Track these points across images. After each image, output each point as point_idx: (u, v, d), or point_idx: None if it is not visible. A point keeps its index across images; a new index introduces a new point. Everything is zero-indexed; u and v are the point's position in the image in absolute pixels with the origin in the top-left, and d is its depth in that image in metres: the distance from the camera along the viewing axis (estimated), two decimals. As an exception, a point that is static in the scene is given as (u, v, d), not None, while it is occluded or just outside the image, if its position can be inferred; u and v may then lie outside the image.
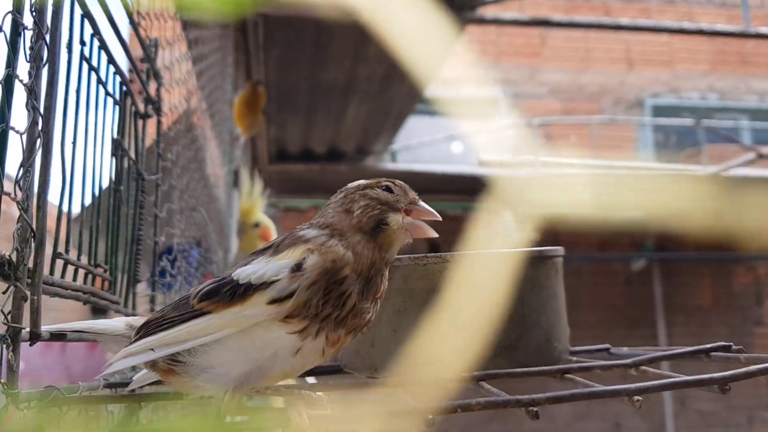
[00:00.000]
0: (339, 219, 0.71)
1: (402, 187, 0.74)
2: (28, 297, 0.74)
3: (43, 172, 0.79)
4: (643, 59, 7.65)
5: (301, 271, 0.65)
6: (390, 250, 0.71)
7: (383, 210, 0.71)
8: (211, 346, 0.66)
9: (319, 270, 0.65)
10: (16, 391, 0.71)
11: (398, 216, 0.71)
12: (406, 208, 0.72)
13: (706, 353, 0.74)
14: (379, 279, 0.69)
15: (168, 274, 1.58)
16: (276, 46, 3.92)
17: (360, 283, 0.67)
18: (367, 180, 0.74)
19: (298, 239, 0.70)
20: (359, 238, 0.69)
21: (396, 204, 0.71)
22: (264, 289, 0.65)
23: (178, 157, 1.73)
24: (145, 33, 1.38)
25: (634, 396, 0.57)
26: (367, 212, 0.70)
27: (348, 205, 0.72)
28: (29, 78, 0.77)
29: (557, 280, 0.88)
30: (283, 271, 0.65)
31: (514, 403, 0.58)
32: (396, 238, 0.71)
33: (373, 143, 5.58)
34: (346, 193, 0.74)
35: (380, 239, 0.69)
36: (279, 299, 0.64)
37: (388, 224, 0.70)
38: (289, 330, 0.63)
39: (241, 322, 0.64)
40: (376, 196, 0.72)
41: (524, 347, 0.81)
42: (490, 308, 0.81)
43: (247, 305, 0.65)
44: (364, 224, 0.70)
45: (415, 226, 0.71)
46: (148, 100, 1.39)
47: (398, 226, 0.70)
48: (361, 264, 0.68)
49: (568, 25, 4.61)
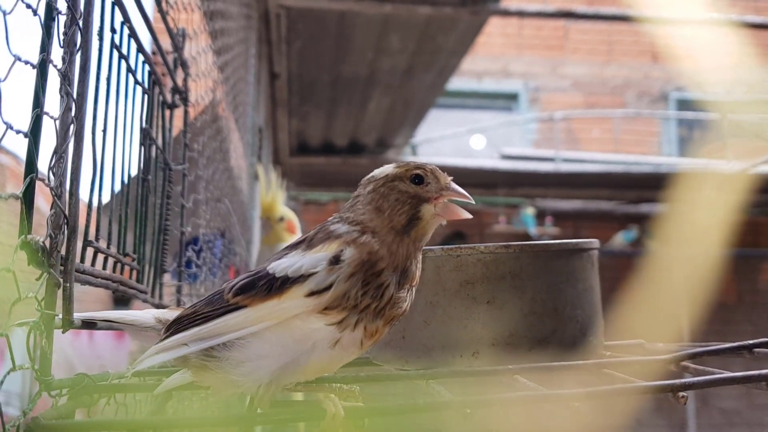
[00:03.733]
0: (370, 217, 0.69)
1: (433, 172, 0.72)
2: (61, 284, 0.74)
3: (75, 159, 0.79)
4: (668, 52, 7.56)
5: (339, 263, 0.64)
6: (424, 239, 0.70)
7: (414, 204, 0.69)
8: (247, 339, 0.65)
9: (357, 262, 0.65)
10: (50, 378, 0.71)
11: (430, 206, 0.70)
12: (437, 195, 0.70)
13: (749, 349, 0.72)
14: (414, 266, 0.68)
15: (194, 264, 1.58)
16: (298, 38, 3.92)
17: (397, 275, 0.66)
18: (396, 167, 0.72)
19: (330, 233, 0.69)
20: (393, 236, 0.68)
21: (427, 194, 0.70)
22: (302, 282, 0.64)
23: (204, 147, 1.73)
24: (173, 22, 1.38)
25: (678, 392, 0.56)
26: (397, 210, 0.69)
27: (378, 203, 0.70)
28: (63, 63, 0.77)
29: (593, 273, 0.87)
30: (321, 264, 0.65)
31: (554, 398, 0.57)
32: (430, 227, 0.70)
33: (394, 136, 5.57)
34: (375, 186, 0.72)
35: (413, 233, 0.69)
36: (317, 291, 0.64)
37: (420, 218, 0.69)
38: (327, 322, 0.63)
39: (279, 315, 0.64)
40: (406, 190, 0.70)
41: (559, 341, 0.80)
42: (524, 301, 0.80)
43: (284, 298, 0.64)
44: (397, 223, 0.68)
45: (447, 209, 0.70)
46: (176, 90, 1.39)
47: (431, 215, 0.69)
48: (397, 260, 0.67)
49: (593, 17, 4.56)
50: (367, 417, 0.61)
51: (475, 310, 0.81)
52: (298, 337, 0.63)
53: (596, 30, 7.62)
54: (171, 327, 0.74)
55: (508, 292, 0.81)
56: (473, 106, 7.77)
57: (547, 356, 0.77)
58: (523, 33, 7.67)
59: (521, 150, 6.84)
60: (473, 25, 3.83)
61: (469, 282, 0.82)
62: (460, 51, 4.14)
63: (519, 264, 0.82)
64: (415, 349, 0.83)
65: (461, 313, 0.81)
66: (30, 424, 0.61)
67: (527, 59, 7.70)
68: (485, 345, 0.79)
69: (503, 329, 0.79)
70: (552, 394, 0.58)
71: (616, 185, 5.99)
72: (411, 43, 4.00)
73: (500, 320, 0.79)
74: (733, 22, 4.23)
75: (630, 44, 7.73)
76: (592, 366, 0.74)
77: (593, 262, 0.87)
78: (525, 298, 0.81)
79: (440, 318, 0.81)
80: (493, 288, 0.82)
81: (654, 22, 4.21)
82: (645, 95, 7.73)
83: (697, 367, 0.68)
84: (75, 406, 0.76)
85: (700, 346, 0.75)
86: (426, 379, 0.73)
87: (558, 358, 0.76)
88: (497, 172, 5.88)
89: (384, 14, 3.59)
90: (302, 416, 0.60)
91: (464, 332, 0.80)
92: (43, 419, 0.61)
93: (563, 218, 6.32)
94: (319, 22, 3.73)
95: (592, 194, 6.35)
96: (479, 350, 0.79)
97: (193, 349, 0.69)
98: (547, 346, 0.79)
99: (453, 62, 4.30)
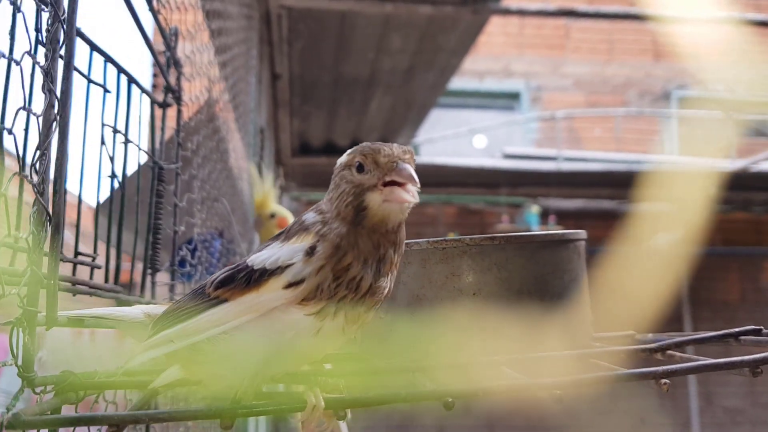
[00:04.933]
0: (327, 208, 0.68)
1: (373, 157, 0.66)
2: (44, 281, 0.74)
3: (60, 157, 0.78)
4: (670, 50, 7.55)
5: (314, 254, 0.64)
6: (387, 225, 0.66)
7: (357, 194, 0.66)
8: (230, 333, 0.65)
9: (325, 254, 0.64)
10: (33, 374, 0.71)
11: (375, 194, 0.65)
12: (384, 182, 0.65)
13: (735, 337, 0.72)
14: (392, 251, 0.66)
15: (188, 263, 1.58)
16: (300, 39, 3.92)
17: (372, 266, 0.65)
18: (348, 154, 0.69)
19: (302, 224, 0.68)
20: (347, 228, 0.65)
21: (369, 182, 0.66)
22: (279, 274, 0.64)
23: (199, 147, 1.73)
24: (165, 21, 1.37)
25: (661, 379, 0.55)
26: (343, 200, 0.66)
27: (331, 193, 0.68)
28: (46, 60, 0.77)
29: (580, 264, 0.86)
30: (297, 255, 0.64)
31: (537, 386, 0.56)
32: (383, 215, 0.65)
33: (395, 136, 5.57)
34: (333, 175, 0.70)
35: (367, 223, 0.65)
36: (294, 283, 0.63)
37: (367, 207, 0.65)
38: (306, 312, 0.62)
39: (258, 308, 0.64)
40: (351, 179, 0.67)
41: (545, 332, 0.80)
42: (511, 292, 0.80)
43: (263, 291, 0.64)
44: (345, 214, 0.66)
45: (393, 194, 0.64)
46: (168, 88, 1.39)
47: (378, 204, 0.65)
48: (363, 252, 0.65)
49: (594, 15, 4.55)
50: (347, 408, 0.60)
51: (462, 302, 0.80)
52: (279, 328, 0.63)
53: (597, 29, 7.60)
54: (158, 323, 0.74)
55: (494, 284, 0.81)
56: (475, 106, 7.76)
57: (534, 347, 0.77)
58: (525, 32, 7.66)
59: (523, 149, 6.84)
60: (474, 24, 3.83)
61: (455, 274, 0.81)
62: (462, 50, 4.14)
63: (505, 255, 0.81)
64: (401, 342, 0.82)
65: (448, 305, 0.81)
66: (11, 420, 0.60)
67: (528, 58, 7.69)
68: (471, 337, 0.78)
69: (490, 320, 0.78)
70: (535, 383, 0.57)
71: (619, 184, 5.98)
72: (412, 42, 4.00)
73: (487, 312, 0.79)
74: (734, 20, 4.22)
75: (631, 43, 7.71)
76: (579, 356, 0.74)
77: (580, 253, 0.87)
78: (512, 289, 0.80)
79: (426, 310, 0.81)
80: (479, 280, 0.81)
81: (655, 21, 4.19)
82: (647, 94, 7.72)
83: (683, 355, 0.68)
84: (60, 403, 0.76)
85: (688, 335, 0.75)
86: (411, 371, 0.73)
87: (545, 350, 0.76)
88: (499, 171, 5.88)
89: (385, 14, 3.59)
90: (283, 408, 0.60)
91: (451, 324, 0.80)
92: (23, 415, 0.61)
93: (565, 217, 6.31)
94: (320, 23, 3.74)
95: (594, 193, 6.34)
96: (466, 341, 0.79)
97: (180, 346, 0.68)
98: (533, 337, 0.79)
99: (454, 62, 4.30)
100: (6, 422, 0.61)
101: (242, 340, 0.64)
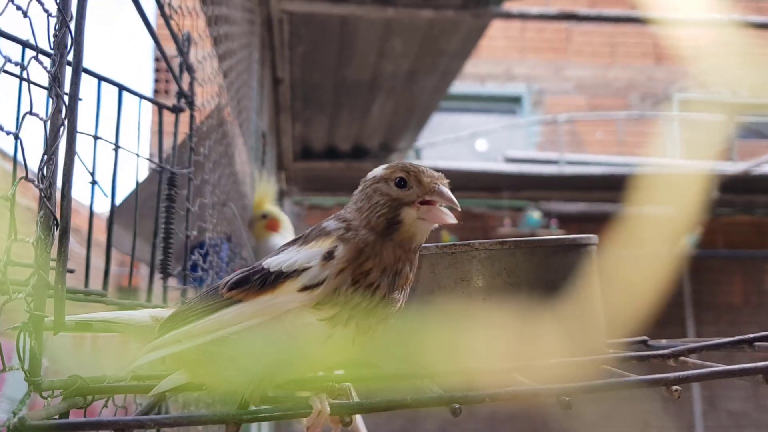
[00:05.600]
0: (353, 216, 0.69)
1: (417, 176, 0.70)
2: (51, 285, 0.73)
3: (68, 161, 0.78)
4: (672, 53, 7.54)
5: (333, 258, 0.65)
6: (412, 243, 0.68)
7: (393, 207, 0.68)
8: (241, 334, 0.65)
9: (346, 258, 0.65)
10: (39, 378, 0.71)
11: (412, 210, 0.68)
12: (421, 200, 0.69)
13: (749, 343, 0.71)
14: (408, 268, 0.68)
15: (200, 268, 1.58)
16: (301, 44, 3.93)
17: (389, 277, 0.66)
18: (384, 168, 0.71)
19: (323, 230, 0.69)
20: (375, 237, 0.67)
21: (408, 197, 0.68)
22: (295, 277, 0.64)
23: (210, 151, 1.73)
24: (178, 27, 1.38)
25: (672, 386, 0.55)
26: (376, 212, 0.68)
27: (361, 203, 0.70)
28: (53, 65, 0.77)
29: (591, 270, 0.86)
30: (314, 259, 0.65)
31: (546, 392, 0.56)
32: (415, 231, 0.68)
33: (397, 140, 5.57)
34: (364, 186, 0.72)
35: (396, 237, 0.67)
36: (310, 286, 0.64)
37: (401, 221, 0.68)
38: (319, 317, 0.63)
39: (272, 310, 0.64)
40: (387, 192, 0.69)
41: (556, 338, 0.79)
42: (520, 298, 0.79)
43: (278, 293, 0.64)
44: (376, 224, 0.67)
45: (430, 212, 0.68)
46: (181, 94, 1.39)
47: (412, 219, 0.68)
48: (384, 262, 0.66)
49: (596, 18, 4.55)
50: (353, 413, 0.60)
51: (471, 307, 0.80)
52: (290, 331, 0.63)
53: (599, 32, 7.61)
54: (166, 324, 0.73)
55: (504, 289, 0.80)
56: (476, 110, 7.76)
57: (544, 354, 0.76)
58: (526, 36, 7.66)
59: (525, 153, 6.83)
60: (475, 28, 3.83)
61: (464, 279, 0.81)
62: (463, 54, 4.14)
63: (514, 260, 0.81)
64: (410, 348, 0.82)
65: (457, 310, 0.81)
66: (17, 424, 0.60)
67: (530, 62, 7.70)
68: (481, 343, 0.78)
69: (500, 326, 0.78)
70: (544, 389, 0.57)
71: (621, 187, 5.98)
72: (413, 46, 4.00)
73: (496, 317, 0.79)
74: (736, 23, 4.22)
75: (633, 46, 7.71)
76: (590, 362, 0.74)
77: (591, 258, 0.86)
78: (522, 294, 0.80)
79: (436, 316, 0.81)
80: (489, 285, 0.81)
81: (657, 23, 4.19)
82: (649, 97, 7.71)
83: (695, 361, 0.67)
84: (68, 408, 0.76)
85: (701, 341, 0.74)
86: (421, 378, 0.73)
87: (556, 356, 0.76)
88: (501, 175, 5.88)
89: (386, 18, 3.60)
90: (289, 413, 0.60)
91: (460, 330, 0.79)
92: (29, 419, 0.60)
93: (568, 221, 6.31)
94: (321, 27, 3.74)
95: (596, 196, 6.33)
96: (475, 347, 0.78)
97: (188, 346, 0.68)
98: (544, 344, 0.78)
99: (456, 65, 4.30)
100: (12, 427, 0.61)
101: (251, 342, 0.64)
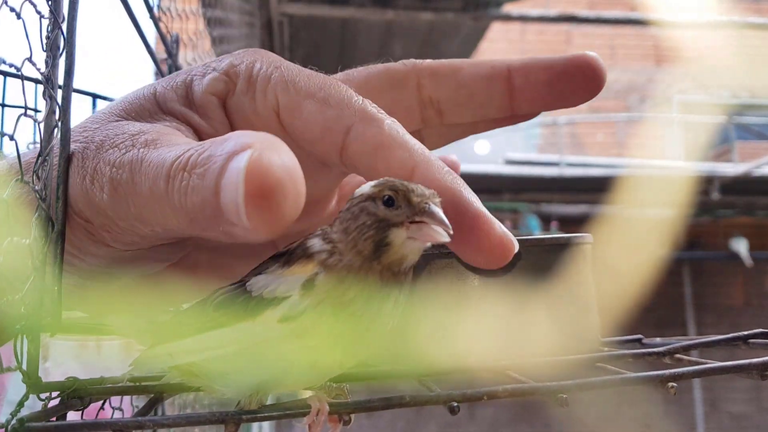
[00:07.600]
0: (339, 238, 0.62)
1: (405, 195, 0.61)
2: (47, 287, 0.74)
3: (62, 162, 0.78)
4: (672, 55, 7.55)
5: (313, 288, 0.59)
6: (402, 265, 0.62)
7: (381, 228, 0.61)
8: (227, 357, 0.64)
9: (326, 288, 0.60)
10: (36, 380, 0.71)
11: (401, 230, 0.60)
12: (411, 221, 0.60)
13: (744, 340, 0.71)
14: (397, 291, 0.62)
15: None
16: (301, 46, 3.93)
17: (376, 301, 0.61)
18: (373, 186, 0.62)
19: (306, 250, 0.63)
20: (361, 262, 0.61)
21: (397, 218, 0.60)
22: (276, 305, 0.60)
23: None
24: (166, 28, 1.38)
25: (668, 383, 0.55)
26: (363, 234, 0.61)
27: (347, 223, 0.62)
28: (46, 67, 0.77)
29: (585, 268, 0.86)
30: (294, 288, 0.60)
31: (543, 390, 0.56)
32: (404, 253, 0.61)
33: (398, 143, 5.56)
34: (350, 204, 0.63)
35: (385, 259, 0.60)
36: (290, 317, 0.59)
37: (390, 243, 0.60)
38: (302, 345, 0.60)
39: (252, 339, 0.61)
40: (375, 212, 0.61)
41: (552, 336, 0.79)
42: (516, 296, 0.79)
43: (258, 322, 0.60)
44: (362, 248, 0.61)
45: (421, 232, 0.59)
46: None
47: (402, 240, 0.60)
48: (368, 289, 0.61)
49: (595, 21, 4.55)
50: (352, 412, 0.60)
51: (467, 306, 0.80)
52: (273, 357, 0.61)
53: (599, 34, 7.62)
54: (159, 332, 0.73)
55: (500, 288, 0.80)
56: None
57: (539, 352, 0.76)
58: (526, 38, 7.67)
59: (525, 155, 6.84)
60: (476, 30, 3.84)
61: (460, 279, 0.81)
62: (463, 57, 4.15)
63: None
64: (407, 348, 0.82)
65: (453, 309, 0.80)
66: (15, 425, 0.60)
67: (530, 64, 7.69)
68: (477, 342, 0.78)
69: (495, 324, 0.78)
70: (540, 387, 0.57)
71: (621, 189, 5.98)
72: (414, 49, 4.00)
73: (492, 316, 0.78)
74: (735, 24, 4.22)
75: (633, 48, 7.73)
76: (586, 360, 0.73)
77: (586, 256, 0.86)
78: (518, 293, 0.80)
79: (432, 316, 0.81)
80: (485, 284, 0.81)
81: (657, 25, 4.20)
82: (649, 99, 7.72)
83: (691, 359, 0.67)
84: (65, 409, 0.75)
85: (696, 339, 0.74)
86: (418, 377, 0.73)
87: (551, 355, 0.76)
88: (501, 177, 5.89)
89: (386, 21, 3.60)
90: (288, 413, 0.60)
91: (456, 329, 0.79)
92: (27, 420, 0.60)
93: (568, 223, 6.31)
94: (321, 30, 3.75)
95: (596, 198, 6.34)
96: (471, 346, 0.78)
97: (178, 362, 0.68)
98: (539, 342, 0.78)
99: (455, 68, 4.30)
100: (11, 428, 0.61)
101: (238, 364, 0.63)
